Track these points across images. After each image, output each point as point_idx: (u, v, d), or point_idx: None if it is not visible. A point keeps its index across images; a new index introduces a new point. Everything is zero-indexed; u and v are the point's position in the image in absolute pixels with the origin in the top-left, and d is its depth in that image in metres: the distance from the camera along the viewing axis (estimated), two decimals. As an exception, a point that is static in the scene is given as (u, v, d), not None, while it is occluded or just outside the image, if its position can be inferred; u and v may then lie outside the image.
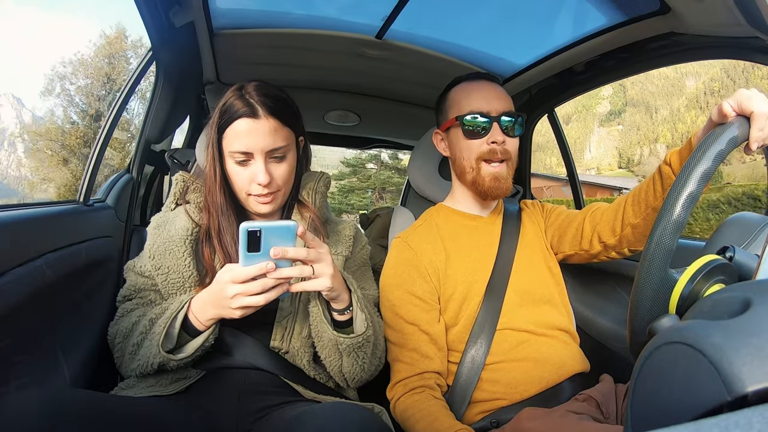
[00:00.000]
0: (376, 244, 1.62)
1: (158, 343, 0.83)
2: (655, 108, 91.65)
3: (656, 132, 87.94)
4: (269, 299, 0.80)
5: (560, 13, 1.30)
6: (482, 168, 1.12)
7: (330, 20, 1.38)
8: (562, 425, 0.87)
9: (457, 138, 1.16)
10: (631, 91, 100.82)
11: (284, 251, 0.77)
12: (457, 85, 1.19)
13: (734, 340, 0.31)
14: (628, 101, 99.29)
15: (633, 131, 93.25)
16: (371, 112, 2.05)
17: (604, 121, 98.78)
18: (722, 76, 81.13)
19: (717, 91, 79.47)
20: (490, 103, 1.11)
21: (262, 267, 0.77)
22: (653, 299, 0.55)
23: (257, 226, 0.76)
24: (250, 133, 0.91)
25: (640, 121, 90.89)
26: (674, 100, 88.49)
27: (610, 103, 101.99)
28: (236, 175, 0.95)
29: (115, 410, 0.69)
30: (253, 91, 0.93)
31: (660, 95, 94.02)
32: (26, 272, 0.82)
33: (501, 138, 1.10)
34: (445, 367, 1.06)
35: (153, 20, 1.11)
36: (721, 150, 0.60)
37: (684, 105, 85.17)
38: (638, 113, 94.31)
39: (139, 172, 1.42)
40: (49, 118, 26.00)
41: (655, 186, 0.96)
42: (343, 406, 0.75)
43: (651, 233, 0.57)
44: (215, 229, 0.96)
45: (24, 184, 38.79)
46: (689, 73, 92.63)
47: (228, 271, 0.80)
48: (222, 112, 0.93)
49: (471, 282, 1.11)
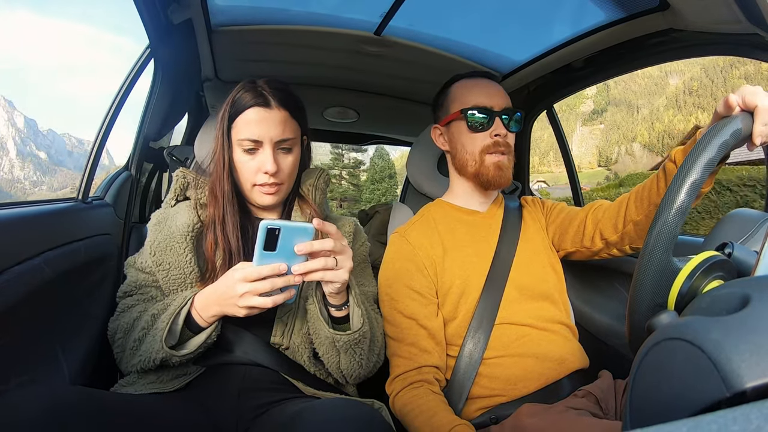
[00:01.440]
0: (375, 241, 1.62)
1: (161, 338, 0.84)
2: (637, 107, 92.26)
3: (634, 131, 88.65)
4: (276, 302, 0.81)
5: (559, 10, 1.30)
6: (486, 159, 1.14)
7: (328, 17, 1.37)
8: (562, 421, 0.87)
9: (459, 131, 1.17)
10: (614, 90, 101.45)
11: (310, 245, 0.77)
12: (458, 81, 1.21)
13: (733, 336, 0.31)
14: (611, 100, 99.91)
15: (614, 130, 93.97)
16: (370, 109, 2.05)
17: (587, 120, 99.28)
18: (701, 76, 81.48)
19: (695, 90, 79.85)
20: (491, 98, 1.14)
21: (274, 267, 0.78)
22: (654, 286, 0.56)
23: (278, 224, 0.76)
24: (261, 122, 0.94)
25: (620, 120, 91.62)
26: (656, 98, 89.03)
27: (593, 102, 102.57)
28: (243, 164, 0.96)
29: (115, 407, 0.70)
30: (264, 84, 0.97)
31: (642, 94, 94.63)
32: (25, 270, 0.82)
33: (504, 131, 1.13)
34: (443, 362, 1.06)
35: (151, 17, 1.10)
36: (726, 140, 0.60)
37: (663, 104, 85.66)
38: (619, 112, 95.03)
39: (137, 170, 1.42)
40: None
41: (659, 183, 0.96)
42: (342, 402, 0.75)
43: (654, 219, 0.57)
44: (219, 218, 0.96)
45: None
46: (673, 71, 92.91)
47: (240, 269, 0.81)
48: (234, 101, 0.95)
49: (468, 276, 1.11)
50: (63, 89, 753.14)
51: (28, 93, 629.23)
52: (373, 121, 2.25)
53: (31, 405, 0.59)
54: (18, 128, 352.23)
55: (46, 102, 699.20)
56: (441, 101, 1.23)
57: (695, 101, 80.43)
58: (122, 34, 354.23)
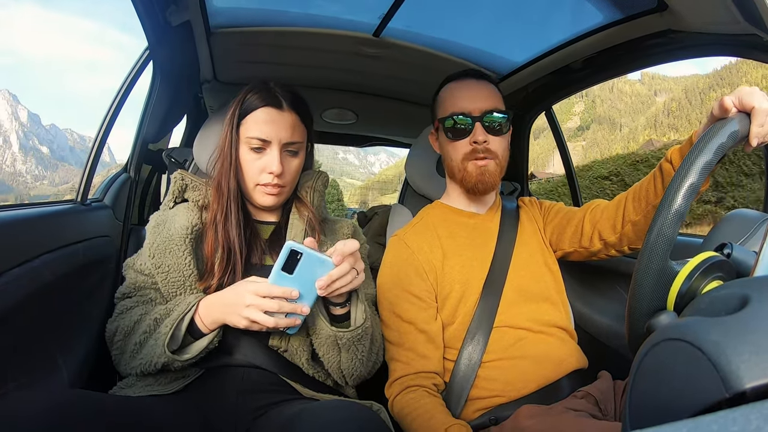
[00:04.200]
0: (374, 243, 1.62)
1: (164, 343, 0.84)
2: (620, 125, 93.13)
3: (611, 149, 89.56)
4: (278, 326, 0.82)
5: (557, 11, 1.30)
6: (468, 165, 1.13)
7: (327, 18, 1.38)
8: (561, 422, 0.87)
9: (443, 139, 1.17)
10: (600, 108, 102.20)
11: (329, 278, 0.79)
12: (447, 84, 1.20)
13: (732, 337, 0.31)
14: (596, 117, 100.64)
15: (593, 147, 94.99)
16: (369, 110, 2.05)
17: (571, 136, 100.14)
18: (681, 97, 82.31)
19: (673, 111, 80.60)
20: (473, 102, 1.11)
21: (286, 291, 0.80)
22: (653, 290, 0.56)
23: (302, 249, 0.78)
24: (271, 122, 0.95)
25: (600, 138, 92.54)
26: (639, 117, 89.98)
27: (580, 118, 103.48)
28: (248, 163, 0.97)
29: (113, 409, 0.69)
30: (277, 86, 0.98)
31: (627, 112, 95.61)
32: (24, 273, 0.82)
33: (483, 138, 1.10)
34: (441, 366, 1.06)
35: (149, 19, 1.10)
36: (722, 143, 0.61)
37: (643, 124, 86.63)
38: (601, 130, 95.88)
39: (136, 172, 1.42)
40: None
41: (656, 183, 0.96)
42: (341, 404, 0.75)
43: (652, 223, 0.57)
44: (222, 214, 0.96)
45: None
46: (661, 89, 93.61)
47: (253, 281, 0.83)
48: (245, 99, 0.97)
49: (468, 279, 1.11)
50: (67, 85, 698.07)
51: (32, 87, 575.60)
52: (371, 123, 2.25)
53: (30, 407, 0.59)
54: (21, 122, 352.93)
55: (49, 97, 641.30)
56: (433, 106, 1.23)
57: (670, 122, 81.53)
58: (126, 31, 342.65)
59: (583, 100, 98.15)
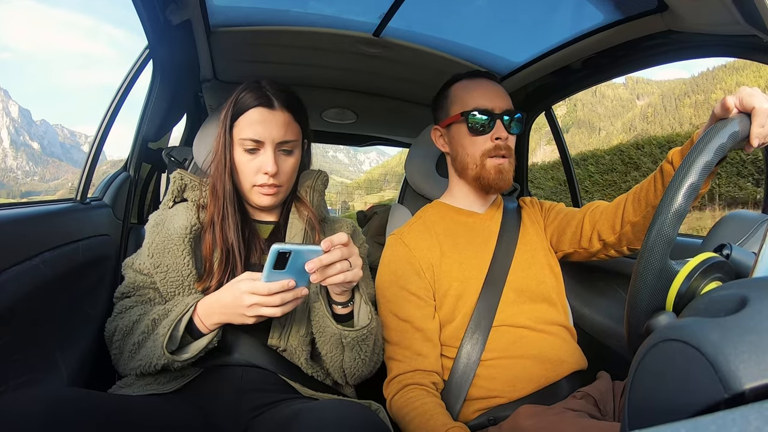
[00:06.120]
0: (374, 242, 1.62)
1: (162, 344, 0.84)
2: (599, 128, 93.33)
3: (585, 153, 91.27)
4: (285, 311, 0.82)
5: (557, 11, 1.31)
6: (487, 162, 1.13)
7: (327, 18, 1.38)
8: (560, 423, 0.87)
9: (459, 134, 1.16)
10: (581, 112, 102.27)
11: (319, 261, 0.78)
12: (458, 82, 1.19)
13: (731, 337, 0.31)
14: (575, 121, 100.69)
15: (570, 149, 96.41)
16: (368, 110, 2.05)
17: (550, 140, 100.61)
18: (657, 102, 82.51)
19: (649, 116, 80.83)
20: (492, 100, 1.12)
21: (284, 284, 0.79)
22: (652, 290, 0.56)
23: (288, 248, 0.78)
24: (263, 122, 0.94)
25: (577, 142, 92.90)
26: (617, 121, 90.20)
27: (561, 122, 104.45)
28: (243, 164, 0.96)
29: (112, 408, 0.69)
30: (268, 86, 0.97)
31: (606, 116, 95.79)
32: (23, 271, 0.82)
33: (505, 134, 1.12)
34: (439, 365, 1.06)
35: (149, 18, 1.10)
36: (723, 143, 0.61)
37: (619, 128, 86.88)
38: (579, 134, 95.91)
39: (136, 171, 1.42)
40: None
41: (656, 184, 0.96)
42: (340, 404, 0.75)
43: (651, 223, 0.57)
44: (219, 216, 0.96)
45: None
46: (644, 93, 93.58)
47: (246, 280, 0.82)
48: (237, 100, 0.96)
49: (466, 278, 1.11)
50: (58, 80, 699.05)
51: (23, 83, 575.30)
52: (371, 122, 2.25)
53: (29, 406, 0.59)
54: (12, 117, 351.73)
55: (40, 93, 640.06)
56: (441, 102, 1.22)
57: (644, 127, 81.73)
58: (120, 27, 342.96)
59: (566, 104, 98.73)
